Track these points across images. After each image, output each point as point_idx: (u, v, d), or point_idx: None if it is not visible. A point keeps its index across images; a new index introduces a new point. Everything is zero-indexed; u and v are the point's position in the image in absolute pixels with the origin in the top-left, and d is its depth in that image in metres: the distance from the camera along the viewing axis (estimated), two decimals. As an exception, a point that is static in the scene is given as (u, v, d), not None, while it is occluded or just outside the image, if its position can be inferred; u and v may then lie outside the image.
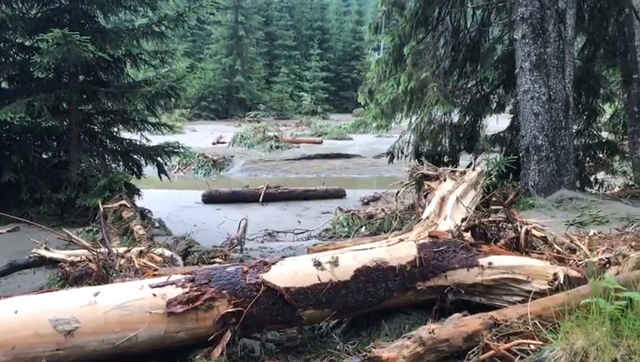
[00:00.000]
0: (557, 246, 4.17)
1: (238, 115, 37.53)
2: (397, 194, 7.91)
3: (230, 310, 3.28)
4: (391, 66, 11.18)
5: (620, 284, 3.14)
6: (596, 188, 11.27)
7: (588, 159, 11.44)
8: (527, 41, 8.99)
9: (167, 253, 5.44)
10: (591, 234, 6.25)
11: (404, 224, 7.51)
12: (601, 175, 11.68)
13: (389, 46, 11.14)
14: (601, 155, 11.36)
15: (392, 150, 11.80)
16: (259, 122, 30.57)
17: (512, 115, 11.44)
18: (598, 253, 4.60)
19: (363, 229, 8.16)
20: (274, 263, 3.55)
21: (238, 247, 6.73)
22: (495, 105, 11.88)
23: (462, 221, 4.29)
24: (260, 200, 12.37)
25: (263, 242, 8.82)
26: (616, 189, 11.49)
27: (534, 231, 4.13)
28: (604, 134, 11.77)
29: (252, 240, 8.68)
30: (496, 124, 12.48)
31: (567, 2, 9.23)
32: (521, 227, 4.06)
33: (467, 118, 11.77)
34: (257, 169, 20.03)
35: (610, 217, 7.69)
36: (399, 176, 13.40)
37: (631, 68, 9.74)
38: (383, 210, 8.81)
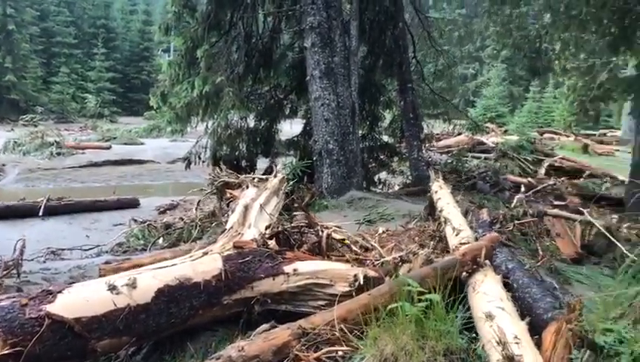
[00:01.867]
0: (355, 248, 4.35)
1: (11, 118, 33.44)
2: (197, 203, 7.65)
3: (6, 352, 2.80)
4: (184, 69, 10.86)
5: (415, 280, 3.38)
6: (380, 187, 12.26)
7: (371, 161, 12.39)
8: (316, 49, 9.39)
9: None
10: (380, 231, 6.72)
11: (205, 232, 7.31)
12: (383, 175, 12.72)
13: (182, 48, 10.82)
14: (382, 157, 12.37)
15: (188, 155, 11.48)
16: (36, 126, 27.56)
17: (304, 120, 11.91)
18: (391, 251, 4.94)
19: (161, 241, 7.75)
20: (60, 291, 3.12)
21: (15, 272, 5.89)
22: (288, 110, 12.26)
23: (266, 228, 4.26)
24: (40, 213, 11.09)
25: (45, 262, 7.88)
26: (396, 188, 12.66)
27: (334, 235, 4.26)
28: (385, 138, 12.86)
29: (32, 260, 7.71)
30: (290, 128, 12.89)
31: (351, 14, 9.87)
32: (322, 231, 4.15)
33: (263, 123, 11.95)
34: (36, 178, 18.00)
35: (394, 214, 8.39)
36: (197, 182, 13.10)
37: (406, 77, 10.77)
38: (182, 219, 8.47)
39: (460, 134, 19.07)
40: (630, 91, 11.91)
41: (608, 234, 6.67)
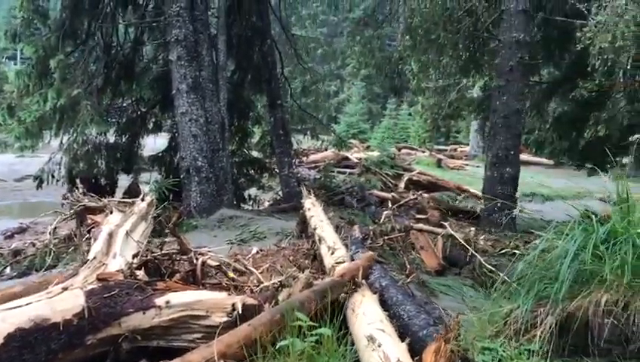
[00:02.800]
0: (231, 274, 4.16)
1: None
2: (53, 229, 6.92)
3: None
4: (35, 80, 9.94)
5: (296, 305, 3.28)
6: (250, 203, 12.10)
7: (241, 177, 12.20)
8: (182, 63, 9.06)
9: None
10: (254, 251, 6.57)
11: (61, 260, 6.67)
12: (253, 191, 12.58)
13: (33, 57, 9.90)
14: (252, 173, 12.24)
15: (40, 174, 10.50)
16: None
17: (170, 136, 11.44)
18: (269, 275, 4.81)
19: (8, 270, 6.94)
20: None
21: None
22: (152, 125, 11.71)
23: (133, 258, 3.92)
24: None
25: None
26: (266, 204, 12.59)
27: (210, 261, 4.04)
28: (255, 153, 12.75)
29: None
30: (154, 143, 12.31)
31: (218, 29, 9.67)
32: (196, 259, 3.91)
33: (124, 138, 11.30)
34: None
35: (267, 232, 8.28)
36: (49, 202, 12.00)
37: (275, 94, 10.76)
38: (33, 244, 7.67)
39: (326, 150, 19.52)
40: (479, 110, 12.94)
41: (469, 247, 7.10)
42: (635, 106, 12.77)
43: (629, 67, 6.96)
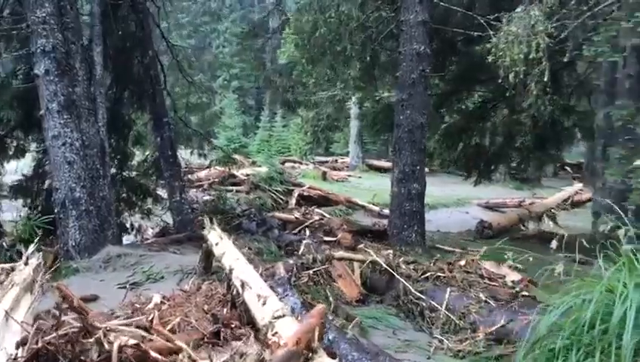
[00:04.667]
0: (153, 353, 3.21)
1: None
2: None
3: None
4: None
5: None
6: (133, 234, 10.82)
7: (122, 205, 10.88)
8: (52, 78, 7.71)
9: None
10: (157, 301, 5.52)
11: None
12: (136, 219, 11.28)
13: None
14: (134, 200, 10.96)
15: None
16: None
17: (35, 162, 9.87)
18: (190, 341, 3.89)
19: None
20: None
21: None
22: (14, 149, 10.04)
23: (18, 347, 2.87)
24: None
25: None
26: (150, 232, 11.36)
27: (130, 340, 3.07)
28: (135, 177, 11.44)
29: None
30: (15, 169, 10.62)
31: (93, 39, 8.43)
32: (108, 342, 2.94)
33: (-23, 166, 9.56)
34: None
35: (164, 272, 7.23)
36: None
37: (160, 111, 9.66)
38: None
39: (209, 167, 18.43)
40: (376, 122, 12.71)
41: (394, 273, 6.61)
42: (515, 118, 13.28)
43: (546, 79, 6.91)
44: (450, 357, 5.43)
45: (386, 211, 15.06)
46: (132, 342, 3.05)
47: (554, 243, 2.65)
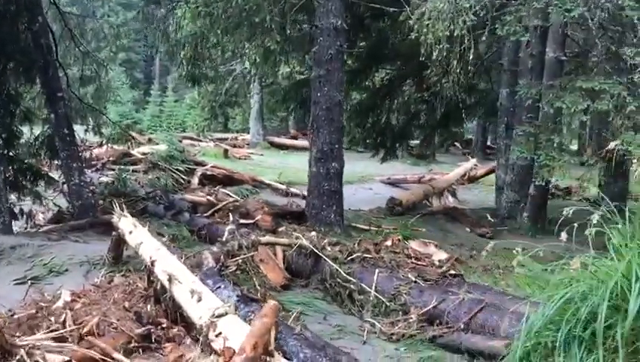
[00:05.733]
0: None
1: None
2: None
3: None
4: None
5: None
6: (24, 220, 9.76)
7: (10, 188, 9.73)
8: None
9: None
10: (67, 299, 4.89)
11: None
12: (26, 204, 10.16)
13: None
14: (25, 183, 9.85)
15: None
16: None
17: None
18: (115, 342, 3.40)
19: None
20: None
21: None
22: None
23: None
24: None
25: None
26: (41, 217, 10.35)
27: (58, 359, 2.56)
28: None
29: None
30: None
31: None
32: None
33: None
34: None
35: (68, 264, 6.52)
36: None
37: (54, 85, 8.67)
38: None
39: (101, 145, 17.17)
40: (287, 98, 12.31)
41: (322, 255, 6.38)
42: (421, 96, 13.50)
43: (471, 57, 6.90)
44: (384, 341, 5.33)
45: (294, 190, 14.92)
46: (62, 359, 2.56)
47: (564, 236, 2.49)
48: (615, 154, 10.00)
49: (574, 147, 23.46)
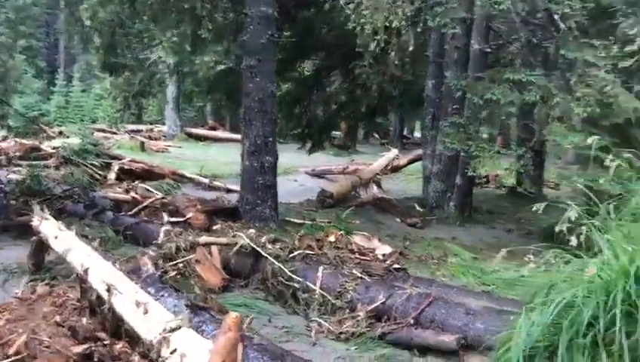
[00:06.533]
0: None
1: None
2: None
3: None
4: None
5: None
6: None
7: None
8: None
9: None
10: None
11: None
12: None
13: None
14: None
15: None
16: None
17: None
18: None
19: None
20: None
21: None
22: None
23: None
24: None
25: None
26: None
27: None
28: None
29: None
30: None
31: None
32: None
33: None
34: None
35: None
36: None
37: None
38: None
39: (5, 139, 15.90)
40: (213, 89, 11.84)
41: (266, 254, 6.12)
42: (347, 87, 13.46)
43: (412, 48, 6.83)
44: (334, 341, 5.18)
45: (217, 183, 14.49)
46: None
47: (574, 241, 2.39)
48: (534, 144, 10.42)
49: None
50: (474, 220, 11.14)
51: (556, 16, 8.60)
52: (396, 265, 6.17)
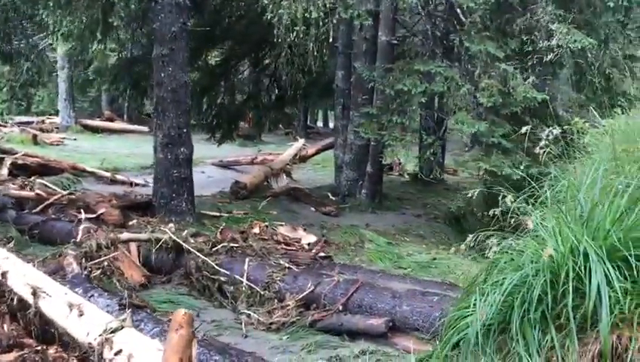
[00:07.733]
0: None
1: None
2: None
3: None
4: None
5: None
6: None
7: None
8: None
9: None
10: None
11: None
12: None
13: None
14: None
15: None
16: None
17: None
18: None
19: None
20: None
21: None
22: None
23: None
24: None
25: None
26: None
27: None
28: None
29: None
30: None
31: None
32: None
33: None
34: None
35: None
36: None
37: None
38: None
39: None
40: (118, 79, 11.31)
41: (191, 248, 6.00)
42: (256, 76, 13.39)
43: (331, 40, 6.90)
44: (265, 332, 5.20)
45: (120, 177, 13.93)
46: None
47: (530, 224, 2.54)
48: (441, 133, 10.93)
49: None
50: (384, 207, 11.51)
51: (459, 10, 9.08)
52: (322, 254, 6.27)
